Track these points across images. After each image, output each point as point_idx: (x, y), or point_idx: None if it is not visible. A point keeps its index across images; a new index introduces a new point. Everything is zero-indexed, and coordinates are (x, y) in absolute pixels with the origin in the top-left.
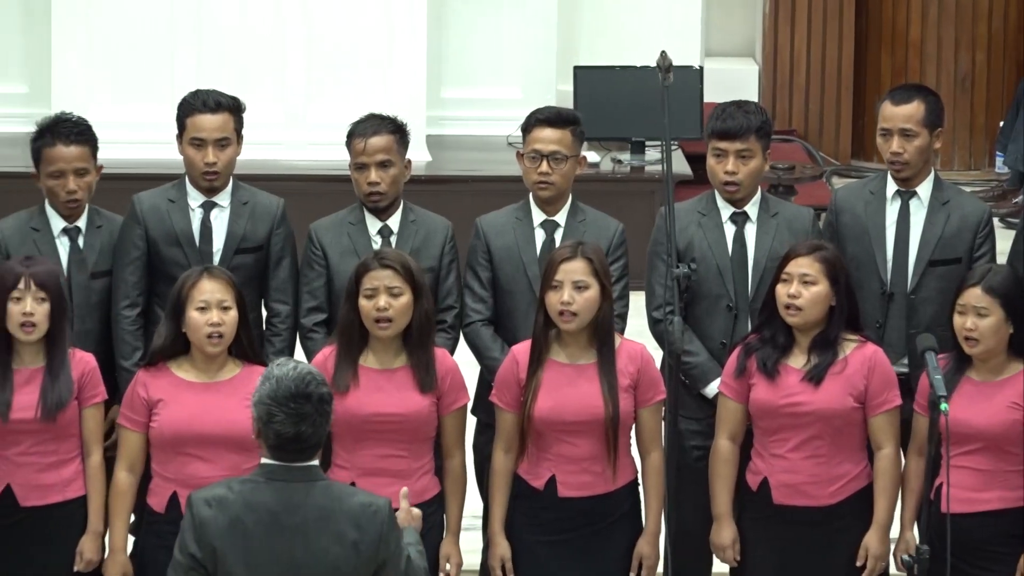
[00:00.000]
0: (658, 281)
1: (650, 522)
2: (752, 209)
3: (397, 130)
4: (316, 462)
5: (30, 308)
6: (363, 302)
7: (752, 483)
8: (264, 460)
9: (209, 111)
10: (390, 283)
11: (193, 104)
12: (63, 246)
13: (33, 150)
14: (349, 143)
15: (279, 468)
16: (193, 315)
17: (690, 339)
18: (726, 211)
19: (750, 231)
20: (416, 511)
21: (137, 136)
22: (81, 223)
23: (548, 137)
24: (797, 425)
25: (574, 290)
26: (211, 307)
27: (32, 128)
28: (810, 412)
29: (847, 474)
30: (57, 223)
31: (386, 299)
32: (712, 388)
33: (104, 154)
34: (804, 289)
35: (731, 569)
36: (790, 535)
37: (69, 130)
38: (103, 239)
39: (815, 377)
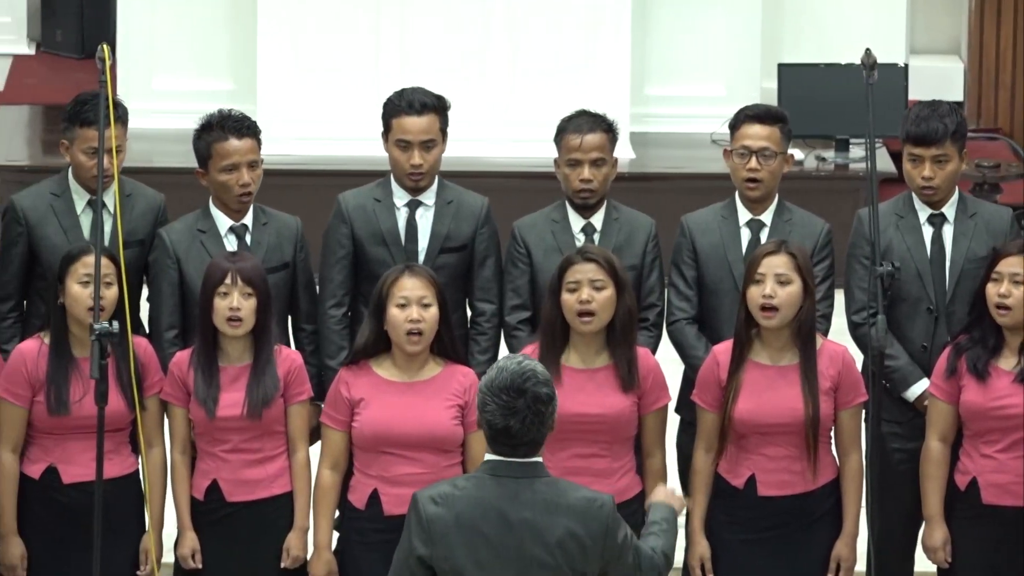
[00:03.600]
0: (858, 285)
1: (848, 524)
2: (949, 210)
3: (610, 129)
4: (539, 459)
5: (236, 303)
6: (566, 296)
7: (960, 483)
8: (488, 456)
9: (415, 113)
10: (593, 276)
11: (399, 105)
12: (230, 245)
13: (201, 146)
14: (560, 139)
15: (502, 464)
16: (394, 312)
17: (891, 342)
18: (923, 213)
19: (947, 233)
20: (676, 496)
21: (342, 132)
22: (247, 220)
23: (757, 133)
24: (1008, 427)
25: (776, 284)
26: (411, 304)
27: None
28: (1021, 415)
29: None
30: (223, 222)
31: (589, 292)
32: (914, 392)
33: (308, 150)
34: (1015, 288)
35: (939, 570)
36: (999, 535)
37: (239, 123)
38: (270, 236)
39: None
